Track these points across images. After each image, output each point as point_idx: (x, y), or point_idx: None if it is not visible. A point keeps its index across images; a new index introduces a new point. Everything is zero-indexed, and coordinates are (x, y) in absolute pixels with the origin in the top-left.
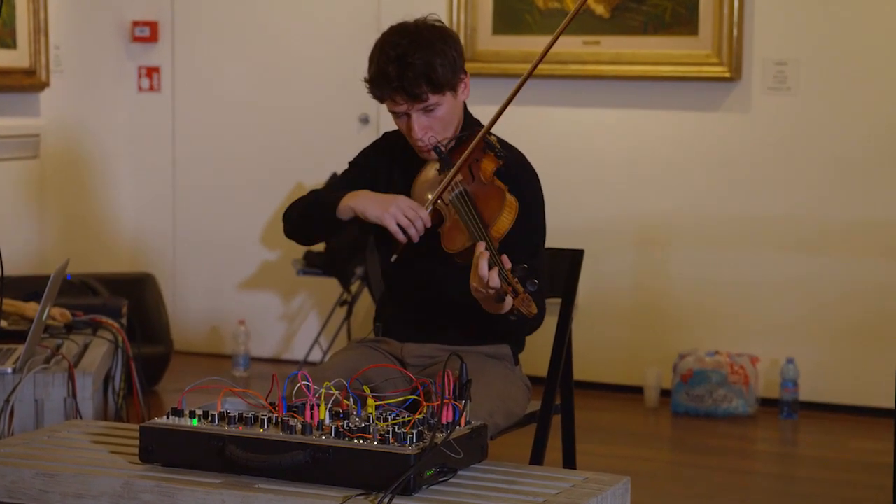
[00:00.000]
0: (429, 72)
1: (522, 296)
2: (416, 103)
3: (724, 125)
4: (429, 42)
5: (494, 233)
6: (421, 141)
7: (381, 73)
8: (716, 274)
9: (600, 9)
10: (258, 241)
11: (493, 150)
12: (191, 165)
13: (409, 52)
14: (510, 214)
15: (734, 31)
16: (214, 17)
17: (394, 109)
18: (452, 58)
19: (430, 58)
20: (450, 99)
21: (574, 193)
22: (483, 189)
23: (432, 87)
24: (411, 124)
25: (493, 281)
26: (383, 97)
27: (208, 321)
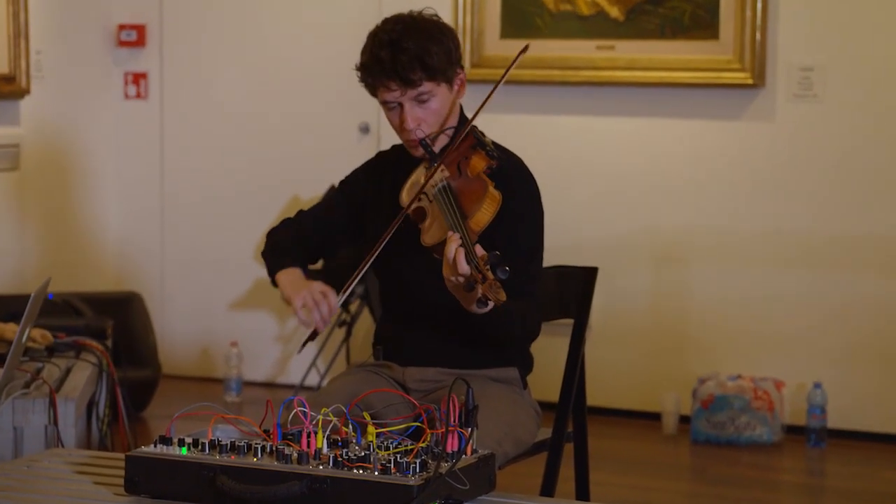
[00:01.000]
0: (423, 56)
1: (491, 282)
2: (409, 89)
3: (746, 134)
4: (423, 29)
5: (472, 224)
6: (412, 133)
7: (374, 58)
8: (738, 292)
9: (615, 11)
10: (251, 258)
11: (485, 148)
12: (180, 177)
13: (403, 37)
14: (491, 207)
15: (757, 34)
16: (206, 20)
17: (386, 98)
18: (448, 48)
19: (424, 43)
20: (444, 91)
21: (587, 207)
22: (467, 183)
23: (427, 72)
24: (403, 115)
25: (461, 266)
26: (376, 85)
27: (198, 343)
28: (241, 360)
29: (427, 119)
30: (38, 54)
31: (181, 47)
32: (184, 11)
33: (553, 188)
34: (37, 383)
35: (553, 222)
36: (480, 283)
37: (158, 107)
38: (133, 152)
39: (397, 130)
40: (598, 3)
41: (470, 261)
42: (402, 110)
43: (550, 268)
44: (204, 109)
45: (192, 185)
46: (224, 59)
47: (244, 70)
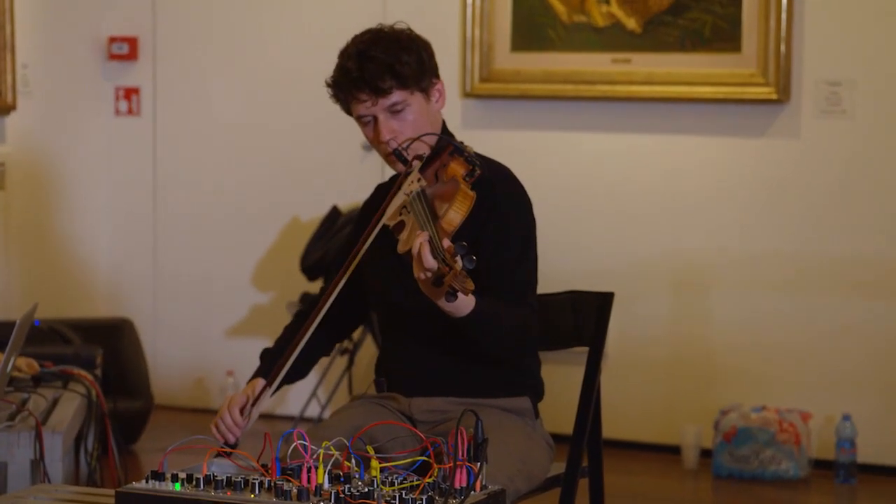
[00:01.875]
0: (393, 63)
1: (457, 271)
2: (380, 98)
3: (770, 152)
4: (393, 38)
5: (444, 224)
6: (388, 146)
7: (342, 71)
8: (762, 319)
9: (632, 23)
10: (248, 283)
11: (463, 154)
12: (174, 198)
13: (371, 47)
14: (463, 205)
15: (782, 47)
16: (201, 32)
17: (360, 112)
18: (420, 56)
19: (393, 51)
20: (420, 101)
21: (602, 229)
22: (441, 187)
23: (397, 80)
24: (378, 128)
25: (427, 260)
26: (347, 99)
27: (193, 372)
28: (238, 391)
29: (403, 131)
30: (25, 68)
31: (175, 61)
32: (178, 23)
33: (566, 209)
34: (22, 415)
35: (566, 245)
36: (447, 275)
37: (151, 123)
38: (124, 171)
39: (374, 146)
40: (614, 13)
41: (436, 254)
42: (377, 123)
43: (564, 293)
44: (199, 126)
45: (187, 206)
46: (220, 72)
47: (241, 85)
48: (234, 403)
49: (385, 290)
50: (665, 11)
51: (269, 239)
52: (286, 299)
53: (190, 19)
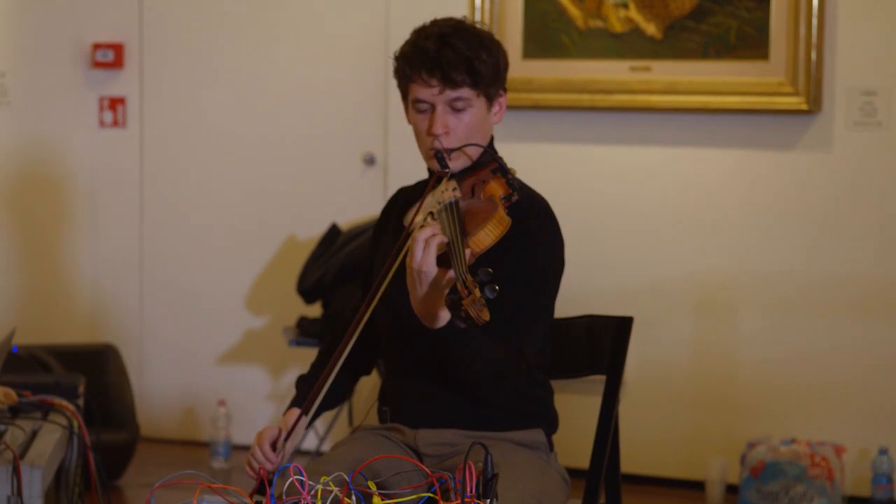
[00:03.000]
0: (472, 58)
1: (475, 296)
2: (448, 89)
3: (800, 166)
4: (476, 34)
5: (472, 244)
6: (438, 142)
7: (417, 48)
8: (792, 344)
9: (651, 28)
10: (242, 306)
11: (506, 175)
12: (162, 215)
13: (454, 35)
14: (496, 230)
15: (812, 54)
16: (191, 38)
17: (419, 96)
18: (498, 61)
19: (475, 47)
20: (482, 106)
21: (620, 248)
22: (476, 204)
23: (472, 76)
24: (433, 118)
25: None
26: (412, 77)
27: (182, 401)
28: (230, 421)
29: (456, 131)
30: (3, 77)
31: (164, 69)
32: (167, 29)
33: (581, 227)
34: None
35: (582, 265)
36: (465, 299)
37: (138, 135)
38: (109, 186)
39: (421, 137)
40: (633, 18)
41: (458, 274)
42: (433, 113)
43: (580, 317)
44: (189, 139)
45: (176, 224)
46: (212, 82)
47: (234, 94)
48: (265, 438)
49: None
50: (687, 16)
51: (264, 259)
52: (282, 324)
53: (179, 25)
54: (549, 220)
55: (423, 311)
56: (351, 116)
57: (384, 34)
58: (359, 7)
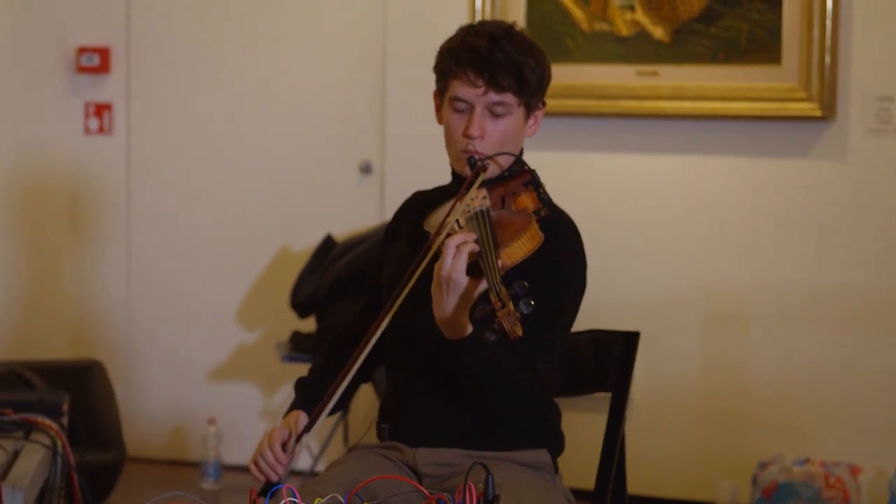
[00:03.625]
0: (521, 65)
1: (510, 309)
2: (492, 92)
3: (813, 175)
4: (525, 40)
5: (503, 256)
6: (472, 144)
7: (467, 45)
8: (804, 360)
9: (659, 32)
10: (233, 320)
11: (538, 189)
12: (150, 226)
13: (505, 38)
14: (528, 244)
15: (826, 58)
16: (181, 41)
17: (459, 94)
18: (543, 72)
19: (524, 54)
20: (520, 116)
21: (626, 260)
22: (508, 215)
23: (518, 83)
24: (471, 119)
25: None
26: (457, 74)
27: (170, 420)
28: (221, 441)
29: (491, 137)
30: None
31: (152, 74)
32: (155, 32)
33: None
34: None
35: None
36: (499, 311)
37: (125, 143)
38: (95, 196)
39: (454, 137)
40: (640, 21)
41: (492, 284)
42: (471, 114)
43: (584, 332)
44: (178, 146)
45: (165, 235)
46: (202, 87)
47: (226, 101)
48: (276, 438)
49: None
50: (696, 19)
51: (256, 271)
52: (275, 338)
53: (168, 27)
54: (576, 239)
55: (445, 320)
56: (346, 123)
57: (381, 38)
58: (355, 11)
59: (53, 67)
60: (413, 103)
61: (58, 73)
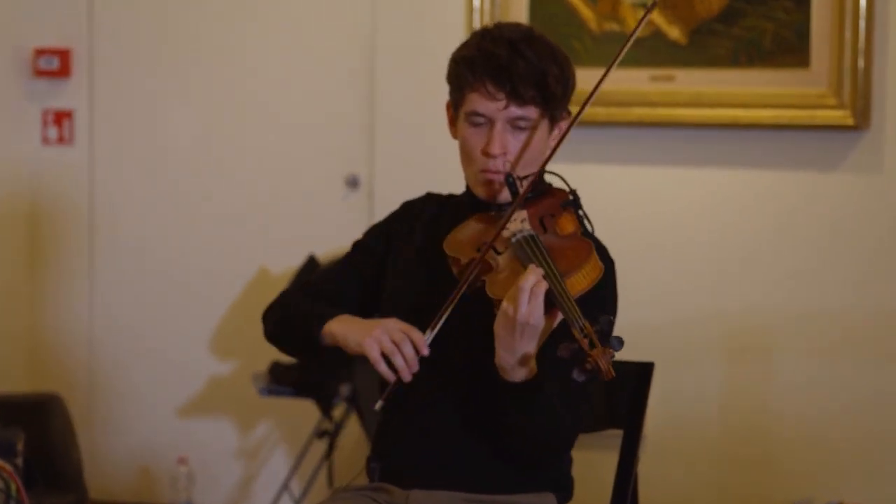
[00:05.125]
0: (545, 73)
1: (607, 350)
2: (513, 105)
3: (846, 189)
4: (546, 44)
5: (569, 287)
6: (493, 163)
7: (485, 53)
8: (837, 394)
9: (675, 32)
10: (206, 350)
11: (577, 210)
12: (114, 245)
13: (525, 42)
14: (591, 275)
15: (860, 61)
16: (149, 43)
17: (477, 109)
18: (567, 78)
19: (547, 60)
20: (544, 130)
21: (639, 283)
22: (560, 241)
23: (542, 93)
24: (491, 136)
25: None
26: (474, 86)
27: (137, 459)
28: (192, 482)
29: (514, 153)
30: None
31: (117, 78)
32: (120, 32)
33: None
34: None
35: None
36: (591, 350)
37: (87, 154)
38: (54, 212)
39: (471, 155)
40: (654, 21)
41: (575, 320)
42: (491, 130)
43: None
44: (145, 158)
45: (130, 256)
46: (173, 94)
47: (199, 108)
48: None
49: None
50: (715, 18)
51: (232, 295)
52: (252, 369)
53: (135, 27)
54: (611, 268)
55: (512, 362)
56: (331, 132)
57: (371, 40)
58: (341, 11)
59: (7, 71)
60: (405, 111)
61: (12, 78)
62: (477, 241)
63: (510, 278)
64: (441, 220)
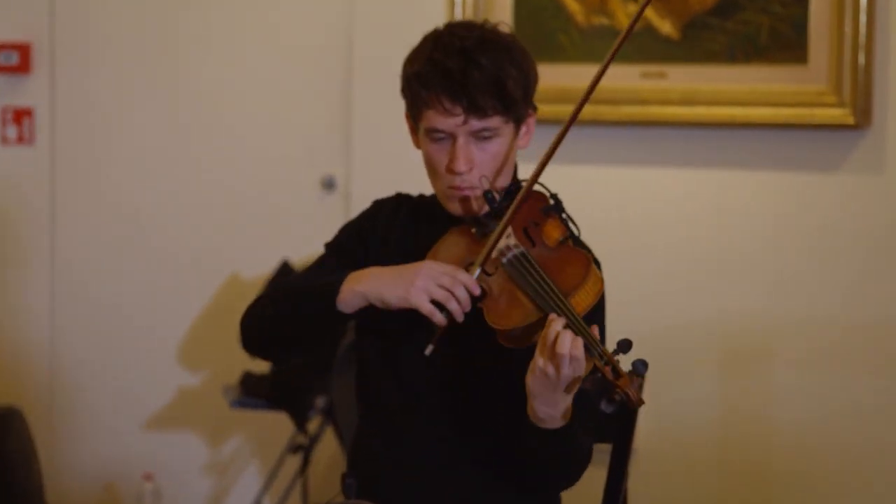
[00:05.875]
0: (502, 79)
1: (634, 377)
2: (472, 117)
3: (846, 191)
4: (503, 45)
5: (575, 305)
6: (461, 179)
7: (437, 67)
8: (837, 405)
9: (666, 26)
10: (173, 360)
11: (560, 214)
12: (76, 250)
13: (479, 49)
14: (595, 289)
15: (860, 56)
16: (114, 37)
17: (436, 125)
18: (528, 77)
19: (502, 63)
20: (510, 134)
21: (630, 290)
22: (552, 255)
23: (502, 102)
24: (455, 151)
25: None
26: (429, 102)
27: (100, 475)
28: (159, 499)
29: (483, 164)
30: None
31: (80, 74)
32: (84, 26)
33: None
34: None
35: None
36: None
37: (48, 155)
38: (12, 216)
39: (437, 172)
40: (645, 15)
41: (592, 348)
42: (453, 146)
43: None
44: (111, 159)
45: (93, 261)
46: (139, 91)
47: (166, 106)
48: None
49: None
50: (710, 12)
51: (201, 303)
52: (221, 380)
53: (100, 21)
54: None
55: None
56: (306, 131)
57: (347, 35)
58: (317, 5)
59: None
60: (383, 109)
61: None
62: (463, 261)
63: (512, 306)
64: (419, 227)
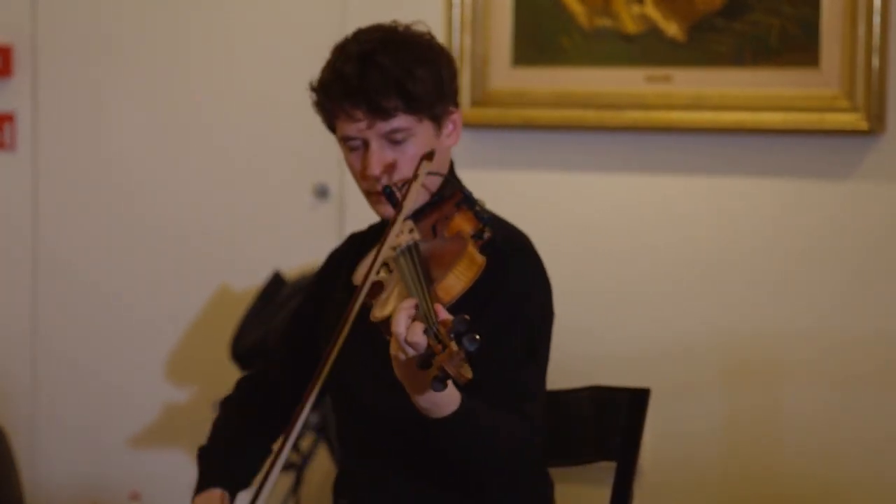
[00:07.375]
0: (403, 78)
1: (451, 350)
2: (377, 120)
3: (859, 199)
4: (408, 45)
5: (440, 292)
6: (379, 184)
7: (335, 74)
8: (849, 424)
9: (672, 28)
10: (161, 376)
11: (473, 207)
12: (60, 261)
13: (379, 50)
14: (468, 272)
15: (874, 59)
16: (98, 40)
17: (347, 133)
18: (439, 74)
19: (406, 62)
20: (428, 132)
21: (632, 302)
22: (441, 245)
23: (405, 100)
24: (367, 157)
25: (414, 335)
26: (335, 112)
27: (85, 494)
28: None
29: (400, 166)
30: None
31: (63, 78)
32: (67, 28)
33: (584, 275)
34: None
35: (583, 325)
36: (439, 354)
37: (30, 161)
38: None
39: (357, 178)
40: (650, 16)
41: (428, 327)
42: (367, 151)
43: (583, 389)
44: (94, 166)
45: (78, 274)
46: (123, 95)
47: (152, 111)
48: None
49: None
50: (717, 13)
51: (189, 316)
52: (211, 397)
53: (82, 23)
54: (531, 259)
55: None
56: (298, 138)
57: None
58: (309, 7)
59: None
60: None
61: None
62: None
63: (389, 297)
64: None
